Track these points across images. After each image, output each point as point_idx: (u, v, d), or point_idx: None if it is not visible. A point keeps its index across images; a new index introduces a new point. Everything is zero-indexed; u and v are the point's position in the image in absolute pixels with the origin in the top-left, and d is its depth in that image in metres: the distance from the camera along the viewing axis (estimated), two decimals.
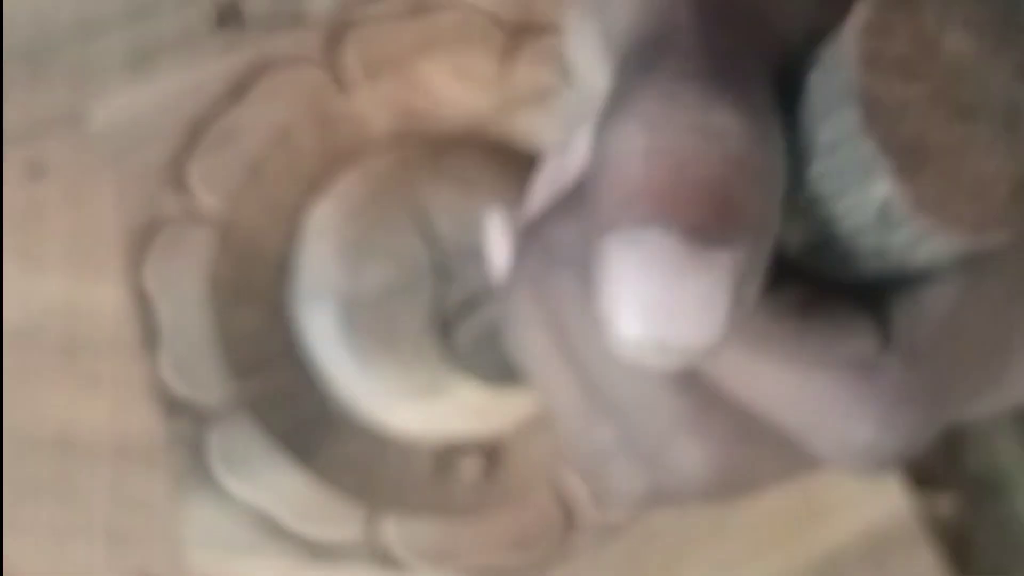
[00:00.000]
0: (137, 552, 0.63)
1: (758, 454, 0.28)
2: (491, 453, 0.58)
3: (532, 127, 0.62)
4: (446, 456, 0.57)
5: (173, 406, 0.56)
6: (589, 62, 0.48)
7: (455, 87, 0.61)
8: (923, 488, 0.67)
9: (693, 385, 0.27)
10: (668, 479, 0.28)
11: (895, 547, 0.55)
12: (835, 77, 0.23)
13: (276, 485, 0.54)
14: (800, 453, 0.27)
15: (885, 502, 0.55)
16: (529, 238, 0.30)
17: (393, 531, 0.54)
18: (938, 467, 0.68)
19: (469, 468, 0.57)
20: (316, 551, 0.54)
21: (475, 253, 0.57)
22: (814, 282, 0.26)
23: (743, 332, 0.24)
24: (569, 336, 0.29)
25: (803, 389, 0.25)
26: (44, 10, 0.71)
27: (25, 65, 0.69)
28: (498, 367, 0.55)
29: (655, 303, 0.22)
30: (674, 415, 0.27)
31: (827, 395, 0.25)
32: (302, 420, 0.57)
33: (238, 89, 0.60)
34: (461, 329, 0.56)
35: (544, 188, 0.44)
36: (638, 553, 0.54)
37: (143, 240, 0.58)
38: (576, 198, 0.29)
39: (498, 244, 0.44)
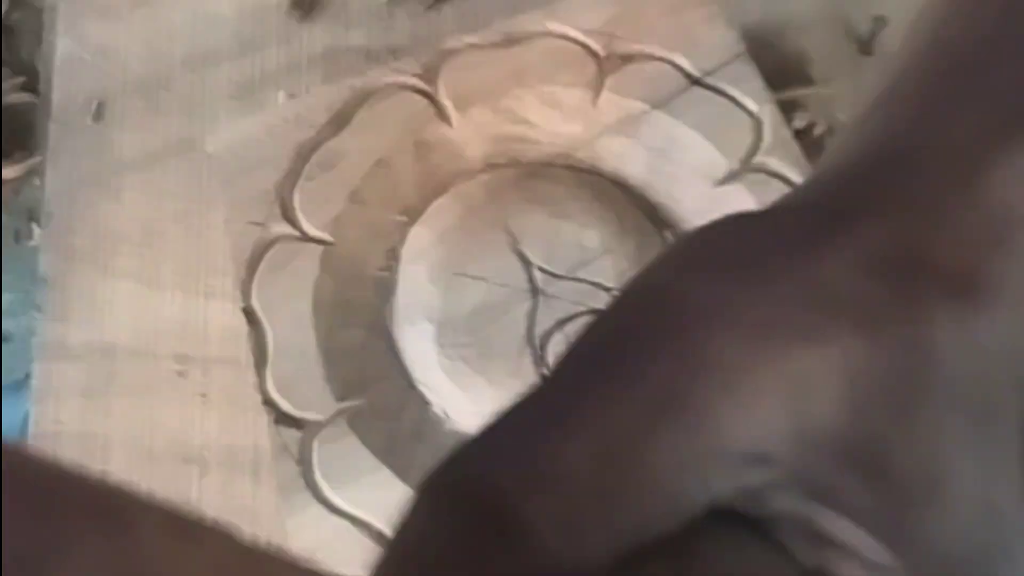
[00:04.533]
0: None
1: None
2: None
3: (620, 153, 0.63)
4: None
5: (279, 420, 0.58)
6: None
7: (546, 114, 0.63)
8: None
9: None
10: None
11: None
12: None
13: (377, 497, 0.56)
14: None
15: None
16: None
17: None
18: None
19: None
20: None
21: (566, 275, 0.59)
22: None
23: None
24: None
25: None
26: (157, 45, 0.74)
27: (141, 97, 0.73)
28: None
29: None
30: None
31: None
32: (401, 435, 0.58)
33: (340, 117, 0.62)
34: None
35: None
36: None
37: (252, 261, 0.60)
38: None
39: None
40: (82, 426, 0.67)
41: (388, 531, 0.54)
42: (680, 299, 0.23)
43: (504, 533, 0.22)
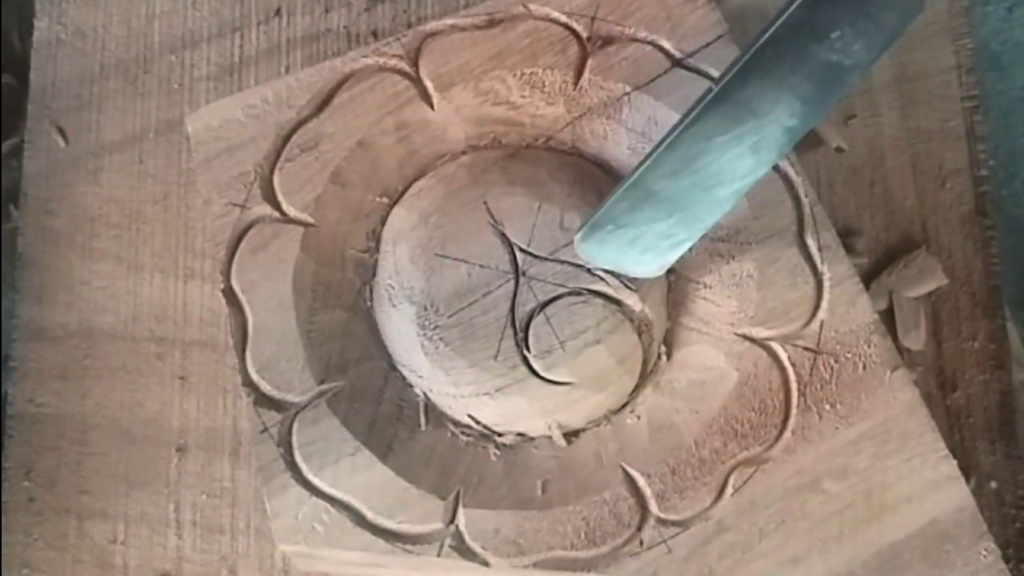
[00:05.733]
0: (224, 542, 0.65)
1: None
2: (563, 449, 0.59)
3: (602, 135, 0.63)
4: (520, 452, 0.59)
5: (259, 402, 0.57)
6: None
7: (528, 96, 0.62)
8: (974, 474, 0.67)
9: None
10: None
11: (958, 540, 0.55)
12: None
13: (357, 479, 0.56)
14: None
15: (949, 497, 0.55)
16: None
17: (468, 524, 0.56)
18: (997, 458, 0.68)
19: (542, 464, 0.58)
20: (395, 542, 0.55)
21: (547, 256, 0.59)
22: None
23: None
24: None
25: None
26: (137, 27, 0.73)
27: (121, 78, 0.72)
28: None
29: None
30: None
31: None
32: (382, 417, 0.58)
33: (320, 99, 0.62)
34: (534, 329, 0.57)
35: None
36: (706, 548, 0.55)
37: (231, 243, 0.60)
38: None
39: None
40: (60, 408, 0.67)
41: (369, 511, 0.55)
42: None
43: None
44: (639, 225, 0.55)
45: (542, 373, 0.57)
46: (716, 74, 0.61)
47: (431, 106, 0.62)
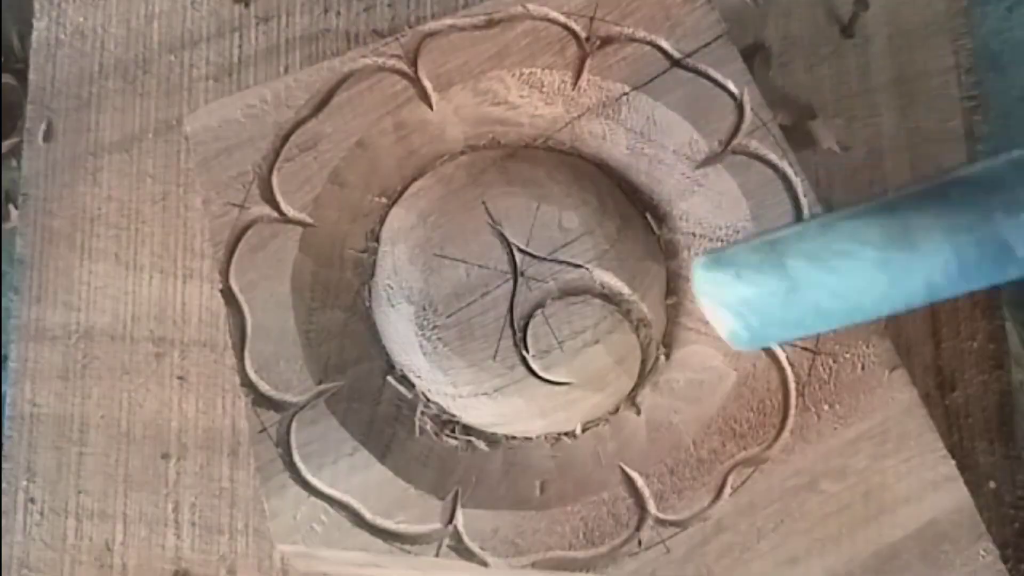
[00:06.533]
0: (223, 542, 0.66)
1: None
2: (562, 449, 0.59)
3: (600, 134, 0.63)
4: (518, 452, 0.59)
5: (258, 402, 0.57)
6: None
7: (527, 96, 0.62)
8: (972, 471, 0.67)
9: None
10: None
11: (956, 541, 0.55)
12: None
13: (355, 479, 0.56)
14: None
15: (947, 497, 0.55)
16: None
17: (467, 524, 0.56)
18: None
19: (540, 464, 0.58)
20: (394, 542, 0.55)
21: (546, 256, 0.59)
22: None
23: None
24: None
25: None
26: (136, 26, 0.73)
27: (120, 78, 0.72)
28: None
29: None
30: None
31: None
32: (380, 417, 0.58)
33: (319, 99, 0.62)
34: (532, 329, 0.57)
35: None
36: (704, 548, 0.55)
37: (230, 243, 0.60)
38: None
39: None
40: (59, 408, 0.67)
41: (368, 511, 0.55)
42: None
43: None
44: (756, 288, 0.49)
45: (541, 373, 0.57)
46: (715, 74, 0.61)
47: (430, 106, 0.62)
